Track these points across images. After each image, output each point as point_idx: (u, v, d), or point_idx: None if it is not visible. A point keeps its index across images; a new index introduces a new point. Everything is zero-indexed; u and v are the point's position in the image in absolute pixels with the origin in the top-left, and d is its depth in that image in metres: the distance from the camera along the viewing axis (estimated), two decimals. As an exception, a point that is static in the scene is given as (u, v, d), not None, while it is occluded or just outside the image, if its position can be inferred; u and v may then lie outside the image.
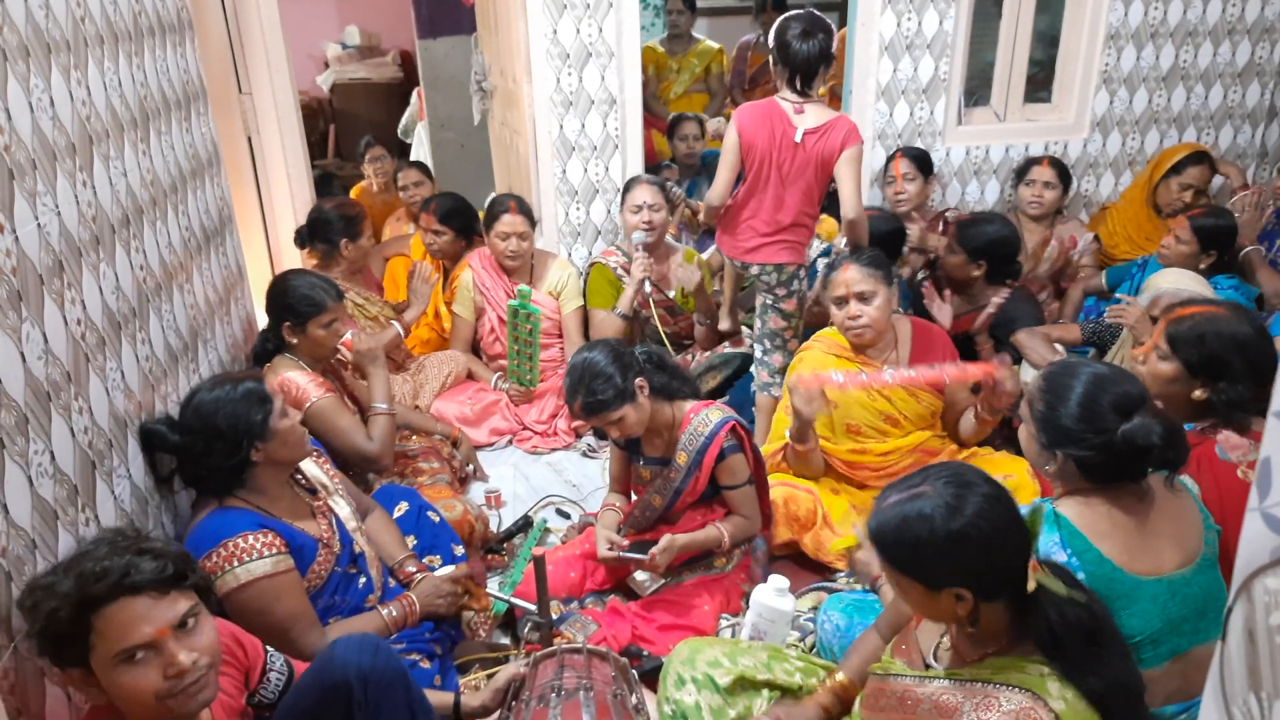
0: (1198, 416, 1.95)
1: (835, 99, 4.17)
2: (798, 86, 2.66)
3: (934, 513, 1.28)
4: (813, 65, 2.63)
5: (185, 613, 1.29)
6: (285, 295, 2.48)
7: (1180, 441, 1.52)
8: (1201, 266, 3.06)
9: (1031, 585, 1.26)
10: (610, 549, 2.28)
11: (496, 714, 1.77)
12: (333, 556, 1.98)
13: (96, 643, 1.24)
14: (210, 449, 1.85)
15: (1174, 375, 1.94)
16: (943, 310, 3.01)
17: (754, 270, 2.86)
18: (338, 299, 2.52)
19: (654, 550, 2.22)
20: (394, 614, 1.99)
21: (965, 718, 1.29)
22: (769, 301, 2.90)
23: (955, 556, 1.27)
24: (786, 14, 2.69)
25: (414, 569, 2.16)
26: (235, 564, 1.74)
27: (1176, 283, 2.83)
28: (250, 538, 1.77)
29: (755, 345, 3.02)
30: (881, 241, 2.98)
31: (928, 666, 1.45)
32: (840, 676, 1.74)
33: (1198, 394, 1.92)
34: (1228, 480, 1.82)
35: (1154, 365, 1.97)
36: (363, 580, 2.05)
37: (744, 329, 3.49)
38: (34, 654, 1.30)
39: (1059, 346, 2.90)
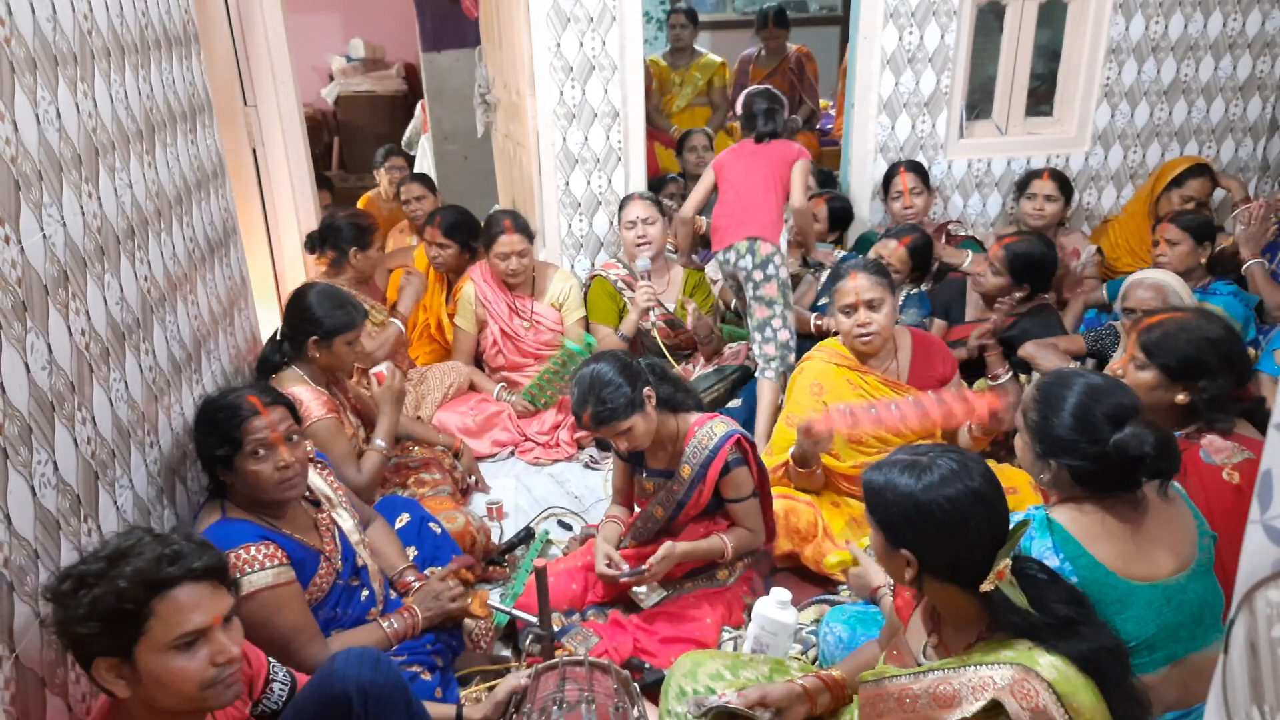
0: (1184, 422, 1.97)
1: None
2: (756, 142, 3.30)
3: (915, 482, 1.38)
4: (774, 133, 3.27)
5: (231, 607, 1.36)
6: (312, 310, 2.46)
7: (1173, 451, 1.54)
8: (1203, 261, 3.09)
9: (987, 587, 1.31)
10: (608, 565, 2.28)
11: (497, 726, 1.77)
12: (334, 570, 1.97)
13: (155, 626, 1.27)
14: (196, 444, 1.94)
15: (1154, 383, 1.96)
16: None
17: (732, 258, 3.16)
18: (364, 315, 2.56)
19: (651, 560, 2.22)
20: (395, 626, 1.98)
21: (964, 702, 1.31)
22: (750, 293, 3.14)
23: (914, 525, 1.37)
24: (751, 90, 3.36)
25: (413, 579, 2.16)
26: (237, 575, 1.73)
27: (1147, 273, 2.83)
28: (252, 549, 1.77)
29: (751, 341, 3.22)
30: (919, 253, 3.31)
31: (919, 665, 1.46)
32: (835, 671, 1.75)
33: (1180, 398, 1.94)
34: (1214, 484, 1.83)
35: (1134, 376, 1.98)
36: (365, 593, 2.04)
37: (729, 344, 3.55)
38: (63, 638, 1.31)
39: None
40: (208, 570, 1.33)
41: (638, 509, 2.44)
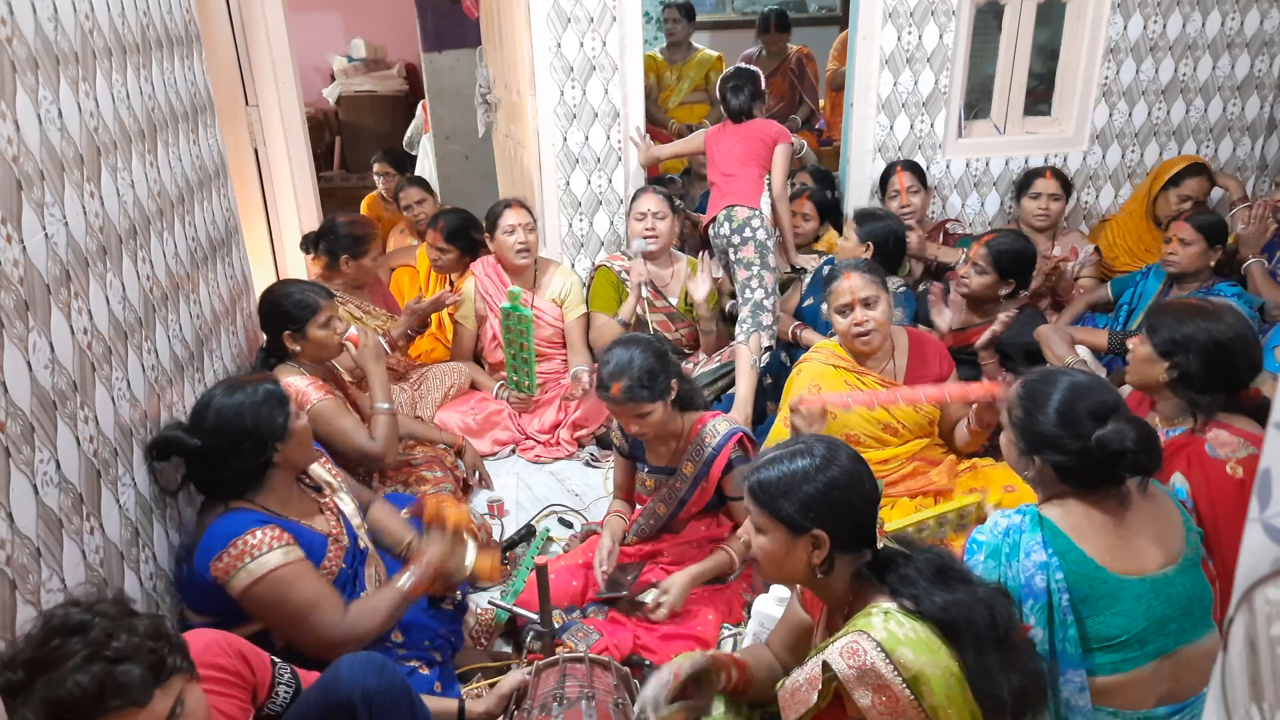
0: (1185, 411, 1.98)
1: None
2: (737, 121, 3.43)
3: (811, 463, 1.50)
4: (745, 108, 3.38)
5: (173, 703, 1.19)
6: (278, 305, 2.53)
7: (1154, 447, 1.55)
8: (1211, 264, 3.07)
9: (882, 540, 1.48)
10: (602, 568, 2.29)
11: (499, 721, 1.78)
12: (342, 550, 2.00)
13: None
14: (236, 451, 1.87)
15: (1146, 357, 1.99)
16: (942, 315, 3.01)
17: (714, 230, 3.32)
18: (328, 296, 2.59)
19: (668, 599, 2.21)
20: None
21: (822, 680, 1.41)
22: (732, 256, 3.27)
23: (826, 497, 1.47)
24: (723, 73, 3.50)
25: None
26: (247, 560, 1.76)
27: None
28: (258, 533, 1.79)
29: (740, 316, 3.28)
30: (894, 243, 3.22)
31: None
32: (738, 655, 1.82)
33: (1161, 376, 1.98)
34: (1218, 478, 1.84)
35: (1135, 351, 2.03)
36: (369, 573, 2.06)
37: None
38: None
39: (1081, 350, 2.87)
40: (128, 700, 1.13)
41: (639, 506, 2.45)
